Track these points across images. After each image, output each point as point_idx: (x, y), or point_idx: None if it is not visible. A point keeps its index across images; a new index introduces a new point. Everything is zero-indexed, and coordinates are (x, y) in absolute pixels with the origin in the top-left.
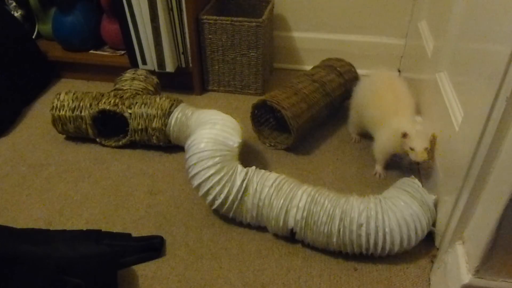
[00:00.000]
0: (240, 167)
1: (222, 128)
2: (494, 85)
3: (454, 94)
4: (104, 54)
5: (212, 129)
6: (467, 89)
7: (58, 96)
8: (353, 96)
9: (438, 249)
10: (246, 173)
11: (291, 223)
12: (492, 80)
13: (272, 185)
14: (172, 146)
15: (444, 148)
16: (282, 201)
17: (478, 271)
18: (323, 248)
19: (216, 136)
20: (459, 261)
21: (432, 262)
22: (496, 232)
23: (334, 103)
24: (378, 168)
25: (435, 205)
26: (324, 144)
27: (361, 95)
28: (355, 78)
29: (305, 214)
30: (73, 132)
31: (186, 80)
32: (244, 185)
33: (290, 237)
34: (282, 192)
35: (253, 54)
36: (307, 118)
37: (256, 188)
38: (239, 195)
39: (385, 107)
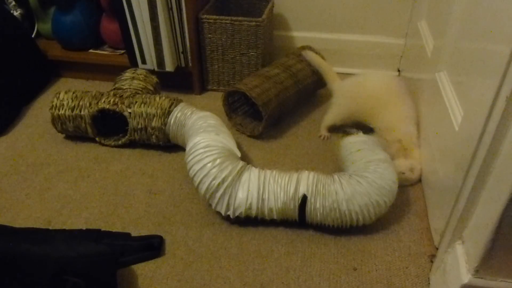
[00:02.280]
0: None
1: (225, 138)
2: (494, 84)
3: (454, 94)
4: (104, 53)
5: (218, 135)
6: (467, 89)
7: (57, 95)
8: (340, 94)
9: (437, 249)
10: (246, 164)
11: (303, 188)
12: (492, 80)
13: (272, 170)
14: (172, 145)
15: (443, 147)
16: (288, 177)
17: (477, 271)
18: (331, 223)
19: (223, 140)
20: (458, 261)
21: (432, 262)
22: (496, 232)
23: (299, 76)
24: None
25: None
26: (320, 141)
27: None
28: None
29: (315, 180)
30: (73, 131)
31: (186, 80)
32: (243, 168)
33: (299, 216)
34: (284, 173)
35: (252, 53)
36: (269, 86)
37: (259, 172)
38: (239, 174)
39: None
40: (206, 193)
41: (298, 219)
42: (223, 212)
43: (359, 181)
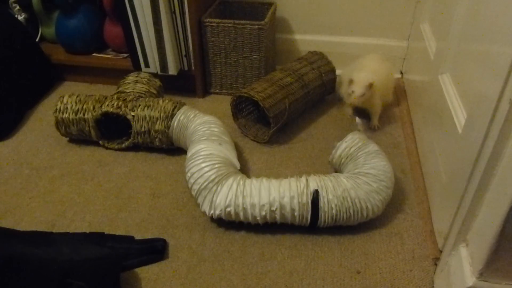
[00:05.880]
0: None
1: (228, 149)
2: (498, 86)
3: (457, 96)
4: (107, 57)
5: (221, 145)
6: (470, 91)
7: (61, 99)
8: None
9: (441, 251)
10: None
11: (313, 184)
12: (495, 82)
13: (269, 178)
14: (175, 148)
15: (447, 150)
16: (294, 178)
17: (482, 274)
18: (344, 215)
19: (225, 151)
20: (463, 264)
21: (436, 264)
22: (500, 234)
23: (310, 87)
24: (348, 110)
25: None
26: (324, 144)
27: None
28: (321, 58)
29: (322, 177)
30: (76, 134)
31: (189, 83)
32: (235, 173)
33: (312, 214)
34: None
35: (255, 56)
36: (282, 97)
37: (246, 177)
38: (227, 176)
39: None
40: (196, 193)
41: (310, 218)
42: (207, 212)
43: (356, 176)
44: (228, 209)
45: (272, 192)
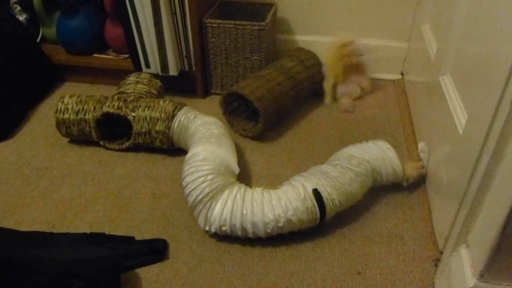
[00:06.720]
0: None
1: (227, 151)
2: (498, 87)
3: (457, 97)
4: (108, 57)
5: (219, 148)
6: (471, 92)
7: (62, 99)
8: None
9: (442, 252)
10: (239, 183)
11: (309, 187)
12: (496, 82)
13: (265, 188)
14: (176, 149)
15: (448, 151)
16: (290, 186)
17: (482, 275)
18: (349, 201)
19: (223, 154)
20: (463, 265)
21: (436, 266)
22: (501, 235)
23: (291, 72)
24: (343, 101)
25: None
26: (323, 143)
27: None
28: (309, 54)
29: (309, 177)
30: (77, 135)
31: (189, 84)
32: (231, 185)
33: (320, 212)
34: (277, 189)
35: (256, 57)
36: (261, 84)
37: (244, 188)
38: (222, 189)
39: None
40: (192, 206)
41: (320, 216)
42: (202, 227)
43: (346, 168)
44: (224, 228)
45: (275, 208)
